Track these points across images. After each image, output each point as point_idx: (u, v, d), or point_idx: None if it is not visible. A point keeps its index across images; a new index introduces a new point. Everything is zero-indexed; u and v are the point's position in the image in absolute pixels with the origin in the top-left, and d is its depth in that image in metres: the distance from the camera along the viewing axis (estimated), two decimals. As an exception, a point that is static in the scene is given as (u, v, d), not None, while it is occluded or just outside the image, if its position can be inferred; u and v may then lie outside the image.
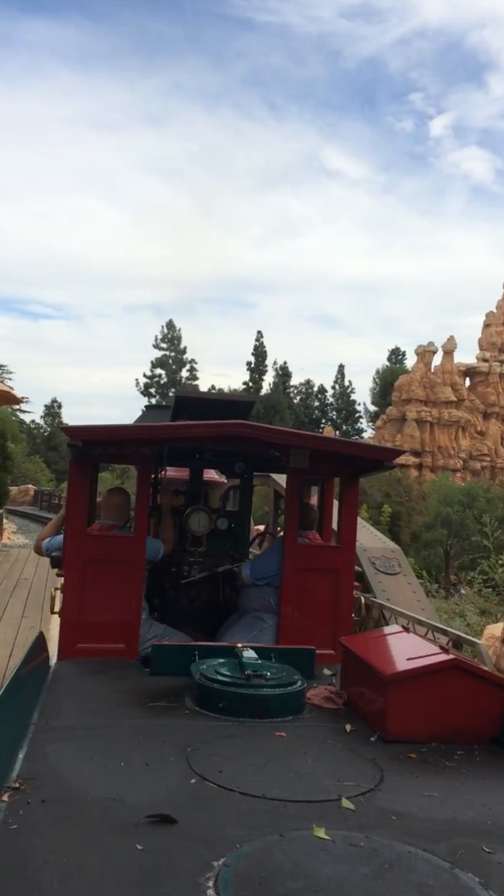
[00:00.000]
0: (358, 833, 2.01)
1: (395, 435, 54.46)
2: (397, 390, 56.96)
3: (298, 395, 76.24)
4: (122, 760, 2.47)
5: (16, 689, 2.82)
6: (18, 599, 11.98)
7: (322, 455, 4.40)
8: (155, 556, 4.52)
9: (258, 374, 73.28)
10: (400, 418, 55.40)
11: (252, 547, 6.19)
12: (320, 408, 76.68)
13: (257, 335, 75.37)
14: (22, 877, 1.72)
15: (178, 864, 1.82)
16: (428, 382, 56.37)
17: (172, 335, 71.54)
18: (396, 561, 6.87)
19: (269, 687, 3.03)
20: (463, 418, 55.41)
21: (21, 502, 51.91)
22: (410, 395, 55.46)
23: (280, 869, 1.80)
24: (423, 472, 51.81)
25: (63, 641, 4.05)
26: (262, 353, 74.23)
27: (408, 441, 53.35)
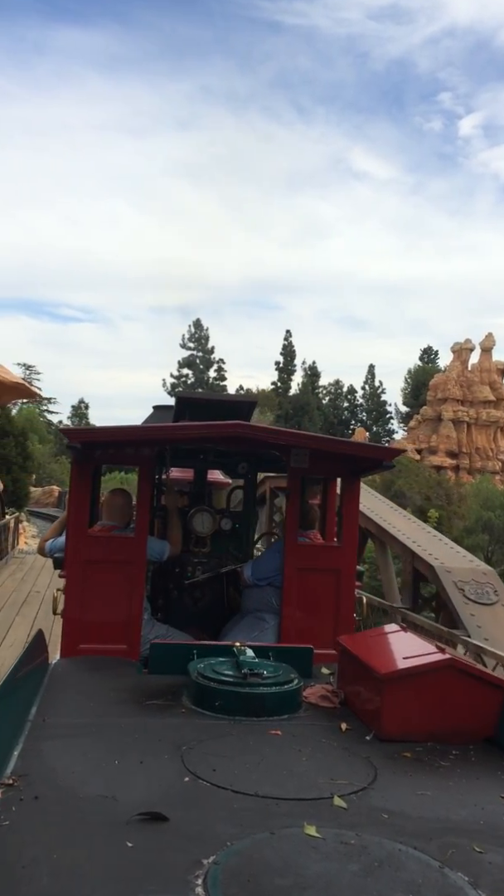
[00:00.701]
0: (349, 831, 1.99)
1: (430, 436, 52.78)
2: (432, 389, 55.19)
3: (327, 395, 74.97)
4: (116, 758, 2.45)
5: (12, 687, 2.81)
6: (25, 618, 10.58)
7: (323, 455, 4.36)
8: (160, 557, 4.50)
9: (287, 374, 72.00)
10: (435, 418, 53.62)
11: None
12: (350, 409, 75.40)
13: (286, 334, 74.08)
14: (11, 873, 1.72)
15: (168, 862, 1.82)
16: (465, 381, 54.52)
17: (200, 335, 70.51)
18: (491, 586, 5.58)
19: (266, 685, 3.01)
20: (503, 418, 53.25)
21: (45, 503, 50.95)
22: (446, 395, 53.66)
23: (269, 866, 1.80)
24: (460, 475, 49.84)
25: (65, 642, 4.05)
26: (290, 353, 72.93)
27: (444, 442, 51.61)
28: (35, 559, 17.75)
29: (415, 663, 2.90)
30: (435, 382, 55.62)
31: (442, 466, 49.86)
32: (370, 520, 8.96)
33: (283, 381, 70.59)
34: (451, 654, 3.06)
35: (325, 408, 71.87)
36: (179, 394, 5.49)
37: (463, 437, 52.94)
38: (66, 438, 4.01)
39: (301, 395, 68.03)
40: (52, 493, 51.29)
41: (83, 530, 4.21)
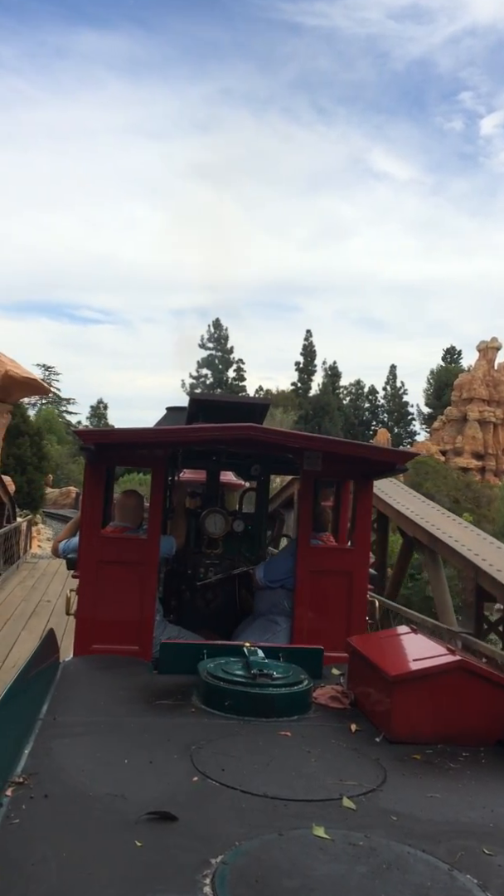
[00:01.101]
0: (357, 833, 1.99)
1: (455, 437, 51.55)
2: (457, 389, 53.94)
3: (348, 396, 73.93)
4: (125, 757, 2.45)
5: (22, 686, 2.83)
6: (32, 634, 9.59)
7: (335, 457, 4.38)
8: (169, 553, 4.54)
9: (307, 375, 70.97)
10: (460, 419, 52.36)
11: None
12: (371, 409, 74.33)
13: (306, 334, 73.16)
14: (21, 871, 1.73)
15: (177, 861, 1.82)
16: (491, 381, 53.24)
17: (219, 335, 69.82)
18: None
19: (276, 686, 2.99)
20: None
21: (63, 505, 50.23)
22: (472, 395, 52.39)
23: (277, 867, 1.80)
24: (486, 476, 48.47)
25: (78, 642, 4.08)
26: (311, 353, 71.96)
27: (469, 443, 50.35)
28: (48, 564, 16.87)
29: (425, 665, 2.90)
30: (460, 382, 54.36)
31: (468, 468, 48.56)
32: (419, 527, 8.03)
33: (303, 382, 69.58)
34: (462, 655, 3.03)
35: (346, 408, 70.90)
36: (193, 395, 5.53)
37: (489, 437, 51.62)
38: (81, 440, 4.03)
39: (321, 395, 66.99)
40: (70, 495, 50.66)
41: (96, 531, 4.23)
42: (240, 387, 69.18)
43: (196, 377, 68.00)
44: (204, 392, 54.41)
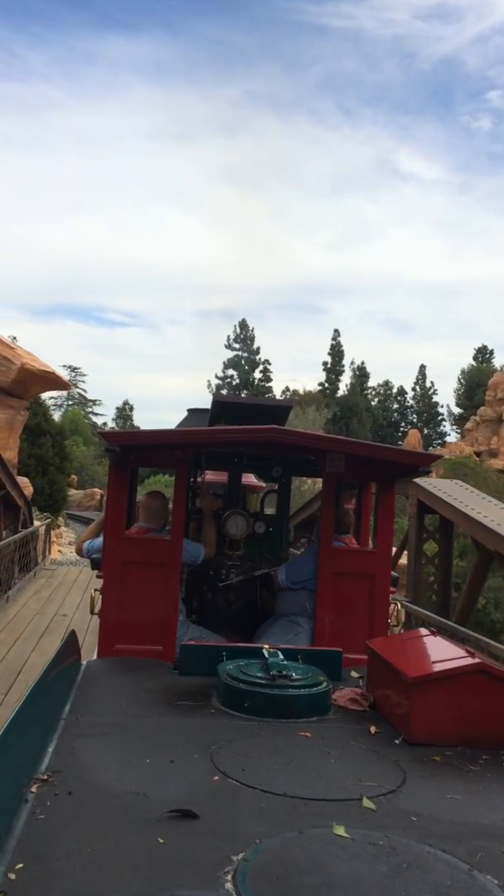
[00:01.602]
0: (377, 832, 2.00)
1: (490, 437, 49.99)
2: (491, 389, 52.37)
3: (376, 396, 72.67)
4: (147, 757, 2.48)
5: (46, 685, 2.89)
6: (43, 656, 8.48)
7: (358, 459, 4.36)
8: (195, 560, 4.53)
9: (335, 375, 69.76)
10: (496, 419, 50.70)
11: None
12: (399, 410, 72.98)
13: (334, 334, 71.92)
14: (46, 865, 1.76)
15: (198, 858, 1.84)
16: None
17: (245, 335, 68.94)
18: None
19: (295, 687, 3.01)
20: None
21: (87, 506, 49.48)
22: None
23: (298, 865, 1.81)
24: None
25: (102, 642, 4.10)
26: (338, 353, 70.72)
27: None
28: (67, 572, 15.87)
29: (444, 667, 2.88)
30: (495, 381, 52.73)
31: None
32: (496, 535, 6.76)
33: (330, 382, 68.38)
34: (482, 658, 3.04)
35: (374, 409, 69.66)
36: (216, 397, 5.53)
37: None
38: (106, 441, 4.07)
39: (350, 396, 65.73)
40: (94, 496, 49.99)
41: (120, 532, 4.26)
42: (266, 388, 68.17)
43: (222, 378, 67.27)
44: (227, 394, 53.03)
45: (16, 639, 9.21)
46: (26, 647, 8.82)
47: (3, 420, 21.29)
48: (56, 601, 12.06)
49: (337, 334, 71.12)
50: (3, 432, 21.05)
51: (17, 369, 20.12)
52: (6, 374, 20.47)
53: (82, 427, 66.61)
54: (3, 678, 7.44)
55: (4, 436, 21.06)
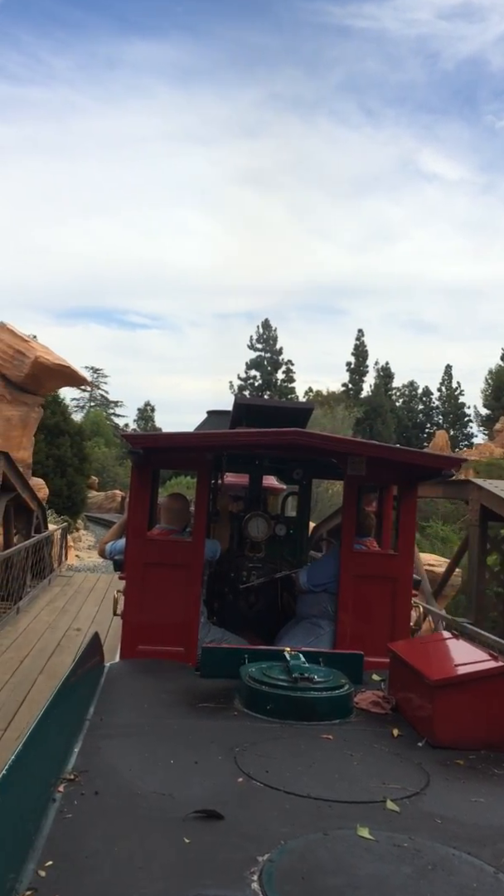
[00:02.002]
0: (402, 834, 2.00)
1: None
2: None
3: (401, 397, 71.43)
4: (171, 758, 2.51)
5: (71, 687, 2.91)
6: (51, 680, 7.55)
7: (380, 462, 4.38)
8: (213, 556, 4.58)
9: (358, 376, 68.62)
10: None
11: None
12: (425, 411, 71.67)
13: (358, 334, 70.57)
14: (74, 864, 1.78)
15: (224, 858, 1.85)
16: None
17: (268, 335, 68.02)
18: None
19: (317, 690, 3.02)
20: None
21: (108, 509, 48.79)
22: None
23: (323, 866, 1.82)
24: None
25: (125, 643, 4.14)
26: (362, 353, 69.47)
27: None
28: (84, 579, 14.99)
29: (467, 670, 2.88)
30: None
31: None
32: None
33: (354, 383, 67.23)
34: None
35: (399, 410, 68.42)
36: (237, 399, 5.38)
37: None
38: (129, 444, 4.09)
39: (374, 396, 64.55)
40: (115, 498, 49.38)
41: (142, 533, 4.28)
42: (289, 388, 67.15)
43: (244, 379, 66.41)
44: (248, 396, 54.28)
45: (23, 658, 8.26)
46: (33, 667, 7.87)
47: (16, 418, 20.19)
48: (70, 612, 11.14)
49: (361, 334, 69.76)
50: (16, 430, 19.96)
51: (31, 363, 19.15)
52: (19, 368, 19.46)
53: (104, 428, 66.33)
54: (4, 707, 6.52)
55: (17, 434, 19.97)
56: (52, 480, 26.37)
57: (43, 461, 26.84)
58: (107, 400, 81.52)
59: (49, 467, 27.17)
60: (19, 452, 19.22)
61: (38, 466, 25.81)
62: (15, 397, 19.87)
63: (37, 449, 26.45)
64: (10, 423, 19.78)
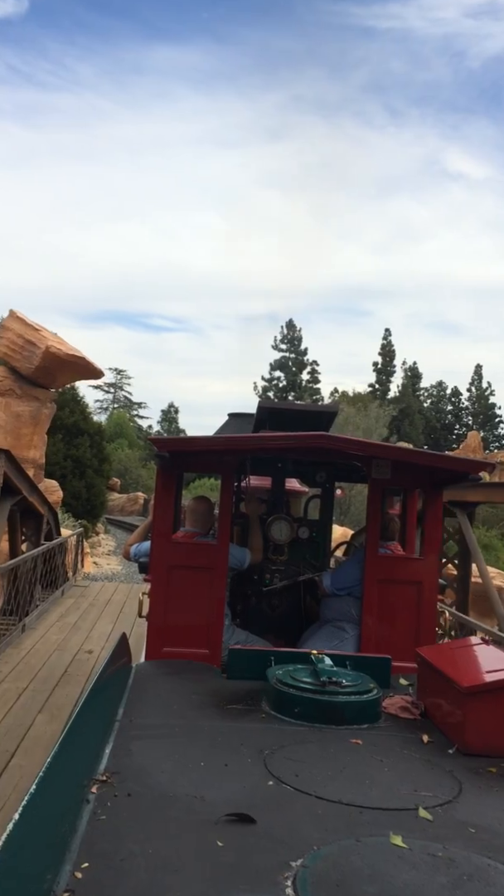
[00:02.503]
0: (435, 843, 1.97)
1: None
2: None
3: (429, 398, 69.87)
4: (201, 760, 2.49)
5: (102, 688, 2.95)
6: (54, 721, 6.33)
7: (405, 466, 4.37)
8: (240, 565, 4.53)
9: (385, 376, 67.15)
10: None
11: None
12: (454, 412, 70.03)
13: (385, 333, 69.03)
14: (110, 865, 1.78)
15: (258, 862, 1.85)
16: None
17: (293, 336, 66.82)
18: None
19: (345, 694, 2.99)
20: None
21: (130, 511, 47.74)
22: None
23: (357, 873, 1.80)
24: None
25: (150, 645, 4.15)
26: (389, 353, 67.94)
27: None
28: (101, 588, 13.85)
29: (499, 677, 2.83)
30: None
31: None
32: None
33: (381, 383, 65.74)
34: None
35: (427, 411, 66.85)
36: (261, 403, 5.24)
37: None
38: (155, 447, 4.09)
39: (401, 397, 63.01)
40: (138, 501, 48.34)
41: (167, 536, 4.28)
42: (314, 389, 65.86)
43: (268, 380, 65.27)
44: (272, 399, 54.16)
45: (22, 690, 7.01)
46: (33, 704, 6.59)
47: (26, 414, 18.66)
48: (82, 630, 9.94)
49: (388, 333, 68.08)
50: (27, 428, 18.44)
51: (42, 354, 17.75)
52: (29, 359, 18.04)
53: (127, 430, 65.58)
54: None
55: (28, 432, 18.43)
56: (70, 482, 25.36)
57: (61, 462, 25.78)
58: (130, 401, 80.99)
59: (67, 469, 26.16)
60: (30, 452, 18.14)
61: (55, 468, 24.74)
62: (25, 391, 18.51)
63: (54, 449, 25.33)
64: (20, 419, 18.38)
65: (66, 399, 27.97)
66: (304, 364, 66.81)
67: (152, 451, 4.22)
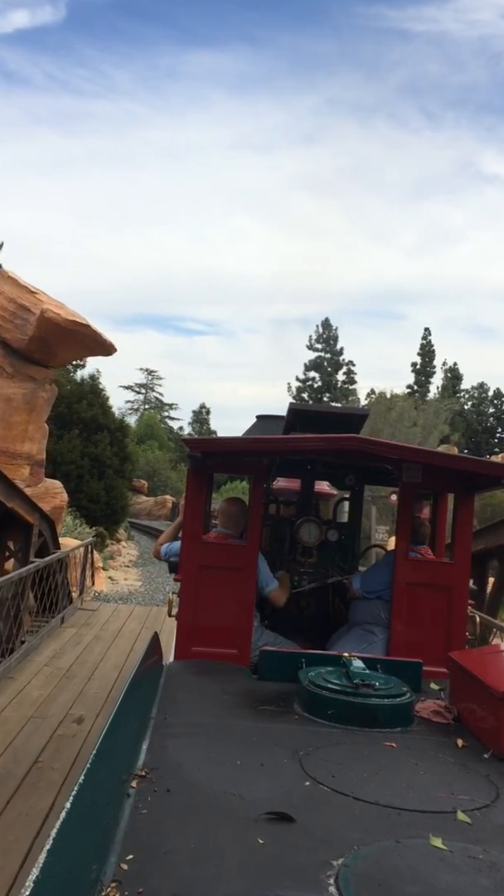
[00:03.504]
0: (475, 846, 1.96)
1: None
2: None
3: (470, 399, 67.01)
4: (237, 759, 2.50)
5: (137, 685, 2.95)
6: (12, 849, 3.84)
7: (436, 470, 4.35)
8: (263, 588, 4.44)
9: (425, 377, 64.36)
10: None
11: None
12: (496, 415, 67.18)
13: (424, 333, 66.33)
14: (154, 857, 1.80)
15: (299, 860, 1.85)
16: None
17: (328, 335, 64.47)
18: None
19: (378, 697, 3.00)
20: None
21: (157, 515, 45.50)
22: None
23: (398, 873, 1.80)
24: None
25: (179, 644, 4.17)
26: (429, 353, 65.13)
27: None
28: (113, 613, 11.38)
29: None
30: None
31: None
32: None
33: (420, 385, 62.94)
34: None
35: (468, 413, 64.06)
36: (291, 405, 5.24)
37: None
38: (187, 448, 4.13)
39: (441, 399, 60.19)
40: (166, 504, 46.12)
41: (198, 536, 4.31)
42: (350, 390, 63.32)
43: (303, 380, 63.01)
44: (304, 402, 53.14)
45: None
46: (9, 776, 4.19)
47: (18, 397, 14.93)
48: (77, 679, 7.45)
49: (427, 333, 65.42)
50: (20, 415, 14.83)
51: (37, 320, 14.29)
52: (22, 329, 14.50)
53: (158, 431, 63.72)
54: None
55: (21, 420, 14.81)
56: (87, 483, 23.51)
57: (77, 461, 23.74)
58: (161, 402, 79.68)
59: (84, 468, 23.89)
60: (24, 445, 15.01)
61: (70, 467, 22.63)
62: (18, 369, 14.94)
63: (70, 446, 23.16)
64: (11, 404, 14.95)
65: (85, 390, 25.84)
66: (339, 364, 64.55)
67: (183, 453, 4.34)
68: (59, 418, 23.60)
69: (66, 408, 24.43)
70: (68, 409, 24.58)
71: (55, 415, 22.77)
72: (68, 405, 24.56)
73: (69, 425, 24.24)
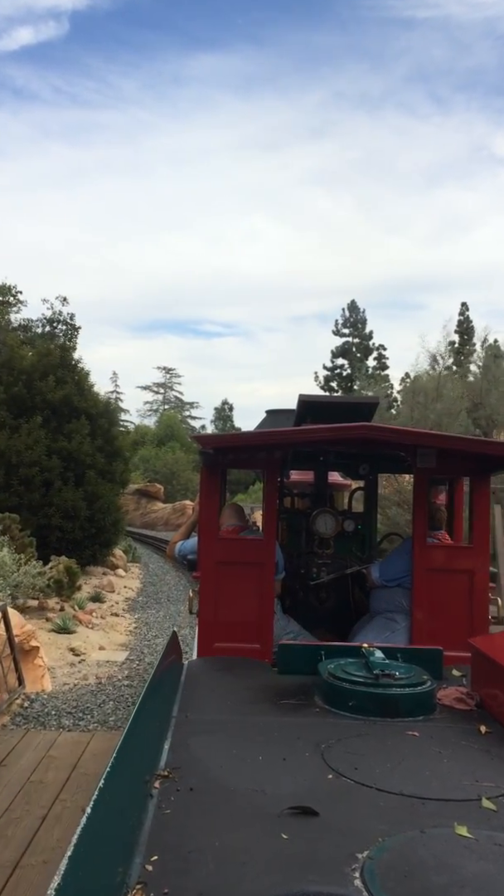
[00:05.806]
0: (501, 833, 1.96)
1: None
2: None
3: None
4: (259, 754, 2.51)
5: (158, 685, 3.03)
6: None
7: (450, 454, 4.38)
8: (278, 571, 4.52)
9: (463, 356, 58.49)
10: None
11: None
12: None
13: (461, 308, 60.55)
14: (179, 857, 1.81)
15: (324, 854, 1.86)
16: None
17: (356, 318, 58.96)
18: None
19: (399, 686, 3.00)
20: None
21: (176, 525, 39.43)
22: None
23: (424, 864, 1.80)
24: None
25: (201, 641, 4.23)
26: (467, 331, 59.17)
27: None
28: (48, 745, 5.89)
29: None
30: None
31: None
32: None
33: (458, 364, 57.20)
34: None
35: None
36: (301, 397, 5.25)
37: None
38: (199, 444, 4.22)
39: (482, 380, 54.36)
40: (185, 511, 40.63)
41: (214, 532, 4.36)
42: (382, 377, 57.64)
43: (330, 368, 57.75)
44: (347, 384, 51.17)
45: None
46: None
47: None
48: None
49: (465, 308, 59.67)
50: None
51: None
52: None
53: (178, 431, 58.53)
54: None
55: None
56: (59, 493, 16.68)
57: (42, 460, 16.81)
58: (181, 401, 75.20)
59: (54, 471, 16.89)
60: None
61: (33, 469, 16.46)
62: None
63: (31, 440, 16.67)
64: None
65: (52, 363, 18.55)
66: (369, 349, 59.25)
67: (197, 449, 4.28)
68: (15, 401, 17.72)
69: (25, 387, 17.99)
70: (28, 388, 17.99)
71: (8, 397, 17.04)
72: (28, 383, 18.06)
73: (29, 411, 17.57)
